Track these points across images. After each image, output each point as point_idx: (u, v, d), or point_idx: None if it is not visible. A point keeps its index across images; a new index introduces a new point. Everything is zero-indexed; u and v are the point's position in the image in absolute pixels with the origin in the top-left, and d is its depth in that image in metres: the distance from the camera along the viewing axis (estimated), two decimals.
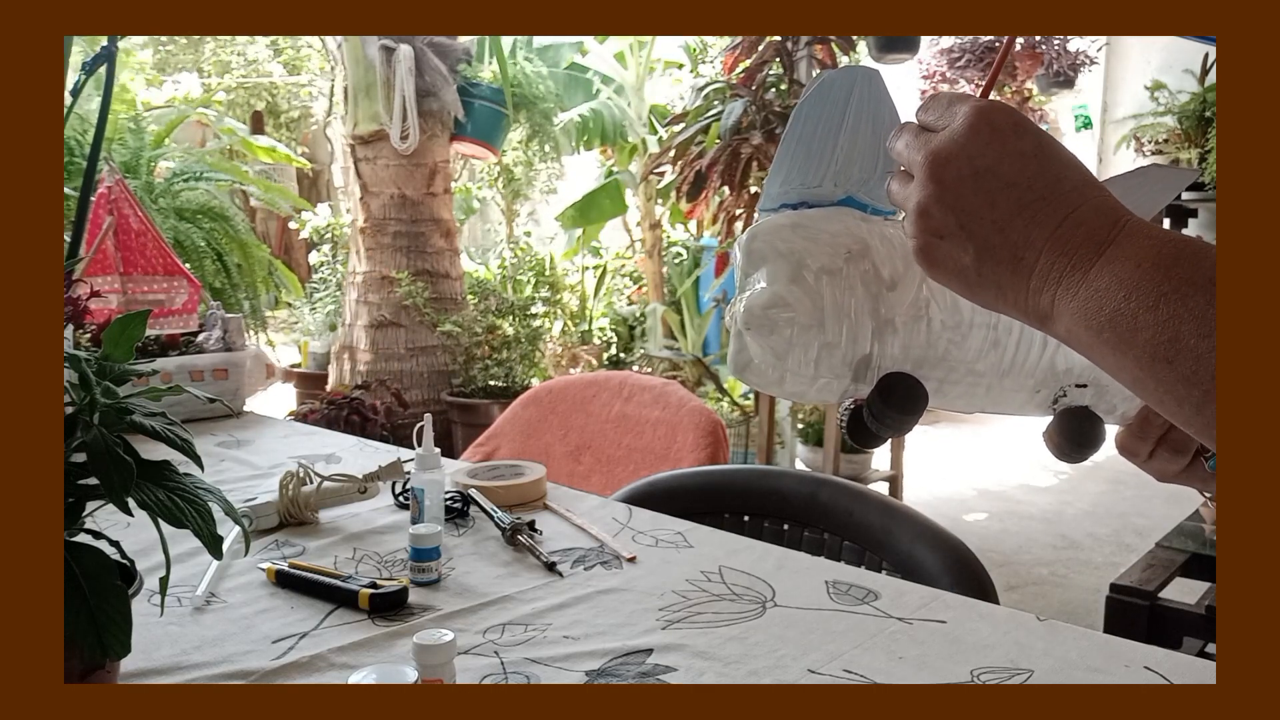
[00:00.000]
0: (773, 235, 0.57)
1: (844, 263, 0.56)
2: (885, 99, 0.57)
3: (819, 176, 0.57)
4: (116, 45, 1.63)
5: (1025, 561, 3.43)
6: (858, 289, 0.55)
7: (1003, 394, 0.58)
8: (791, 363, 0.56)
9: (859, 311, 0.55)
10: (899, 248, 0.56)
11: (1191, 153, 4.52)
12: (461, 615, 0.93)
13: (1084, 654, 0.84)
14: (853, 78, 0.57)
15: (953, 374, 0.57)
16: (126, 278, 1.73)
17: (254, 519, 1.15)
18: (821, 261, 0.56)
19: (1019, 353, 0.57)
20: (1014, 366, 0.57)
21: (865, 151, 0.57)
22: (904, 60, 4.61)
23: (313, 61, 7.45)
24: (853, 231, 0.57)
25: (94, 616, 0.62)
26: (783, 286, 0.55)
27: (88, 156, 1.66)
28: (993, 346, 0.56)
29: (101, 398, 0.66)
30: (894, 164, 0.52)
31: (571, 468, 2.25)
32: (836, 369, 0.56)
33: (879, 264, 0.56)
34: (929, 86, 5.23)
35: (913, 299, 0.56)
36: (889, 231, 0.57)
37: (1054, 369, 0.58)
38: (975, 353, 0.57)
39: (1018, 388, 0.58)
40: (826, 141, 0.57)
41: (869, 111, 0.57)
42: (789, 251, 0.56)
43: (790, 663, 0.83)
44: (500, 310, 4.82)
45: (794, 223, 0.57)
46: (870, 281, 0.56)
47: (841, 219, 0.57)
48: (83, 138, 3.25)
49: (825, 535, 1.28)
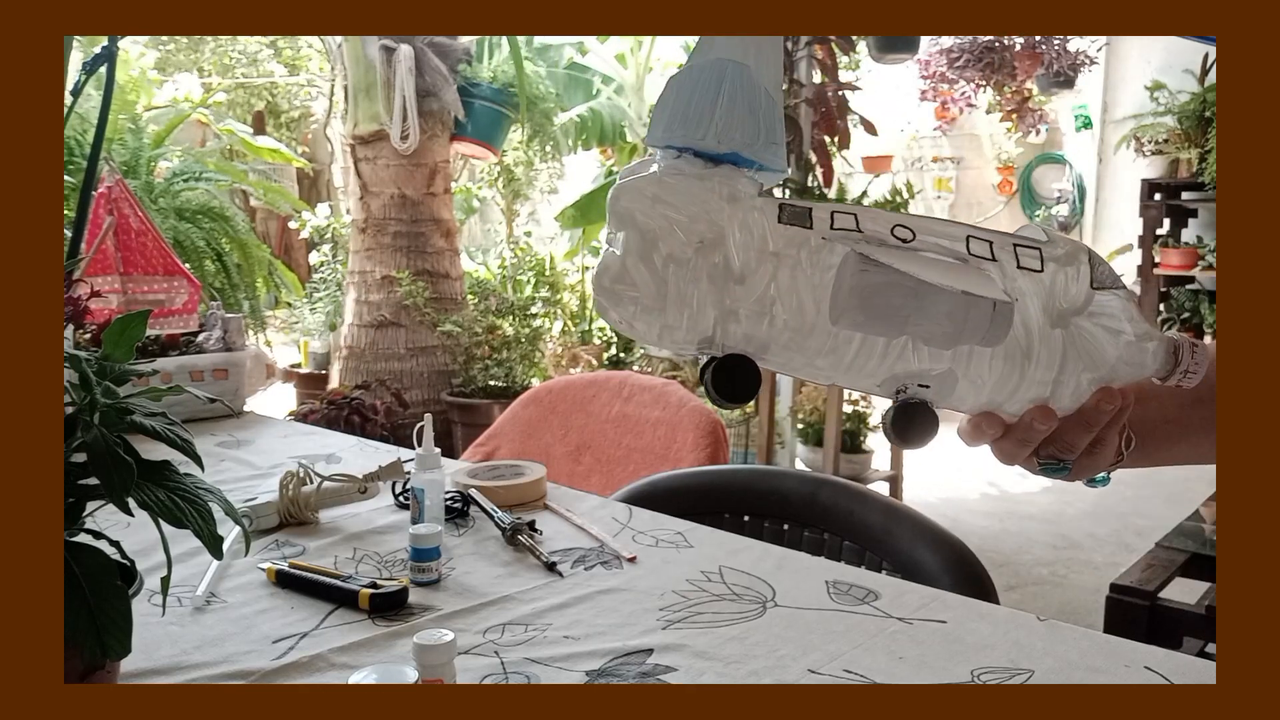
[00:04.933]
0: (635, 201, 0.57)
1: (694, 253, 0.56)
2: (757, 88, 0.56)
3: (701, 130, 0.56)
4: (117, 45, 1.63)
5: (1025, 561, 3.43)
6: (703, 282, 0.56)
7: (844, 380, 0.61)
8: (638, 329, 0.58)
9: (702, 302, 0.57)
10: (757, 240, 0.56)
11: (1191, 153, 4.52)
12: (461, 615, 0.93)
13: (1084, 654, 0.84)
14: (722, 68, 0.56)
15: (792, 363, 0.59)
16: (126, 278, 1.73)
17: (254, 519, 1.15)
18: (671, 248, 0.56)
19: (858, 359, 0.59)
20: (853, 368, 0.59)
21: (744, 123, 0.57)
22: (904, 60, 4.61)
23: (313, 62, 7.45)
24: (712, 217, 0.56)
25: (94, 617, 0.62)
26: (631, 263, 0.57)
27: (88, 156, 1.66)
28: (831, 350, 0.58)
29: (102, 398, 0.66)
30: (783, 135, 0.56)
31: (571, 468, 2.25)
32: (678, 345, 0.58)
33: (731, 256, 0.56)
34: (929, 86, 5.23)
35: (759, 295, 0.57)
36: (753, 219, 0.57)
37: (894, 374, 0.60)
38: (815, 352, 0.58)
39: (857, 382, 0.61)
40: (704, 107, 0.56)
41: (743, 95, 0.56)
42: (645, 228, 0.56)
43: (790, 663, 0.83)
44: (500, 310, 4.82)
45: (655, 194, 0.57)
46: (718, 275, 0.57)
47: (707, 197, 0.57)
48: (83, 138, 3.25)
49: (825, 535, 1.28)
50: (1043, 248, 0.61)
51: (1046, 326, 0.60)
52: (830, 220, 0.58)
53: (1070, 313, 0.60)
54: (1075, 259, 0.60)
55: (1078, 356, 0.61)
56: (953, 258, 0.59)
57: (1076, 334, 0.60)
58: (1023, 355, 0.60)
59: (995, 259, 0.60)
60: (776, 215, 0.57)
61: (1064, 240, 0.62)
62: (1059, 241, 0.61)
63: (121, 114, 3.63)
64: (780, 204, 0.58)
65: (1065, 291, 0.60)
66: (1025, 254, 0.60)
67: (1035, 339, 0.60)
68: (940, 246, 0.59)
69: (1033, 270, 0.60)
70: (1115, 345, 0.61)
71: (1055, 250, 0.61)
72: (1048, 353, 0.60)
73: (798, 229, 0.57)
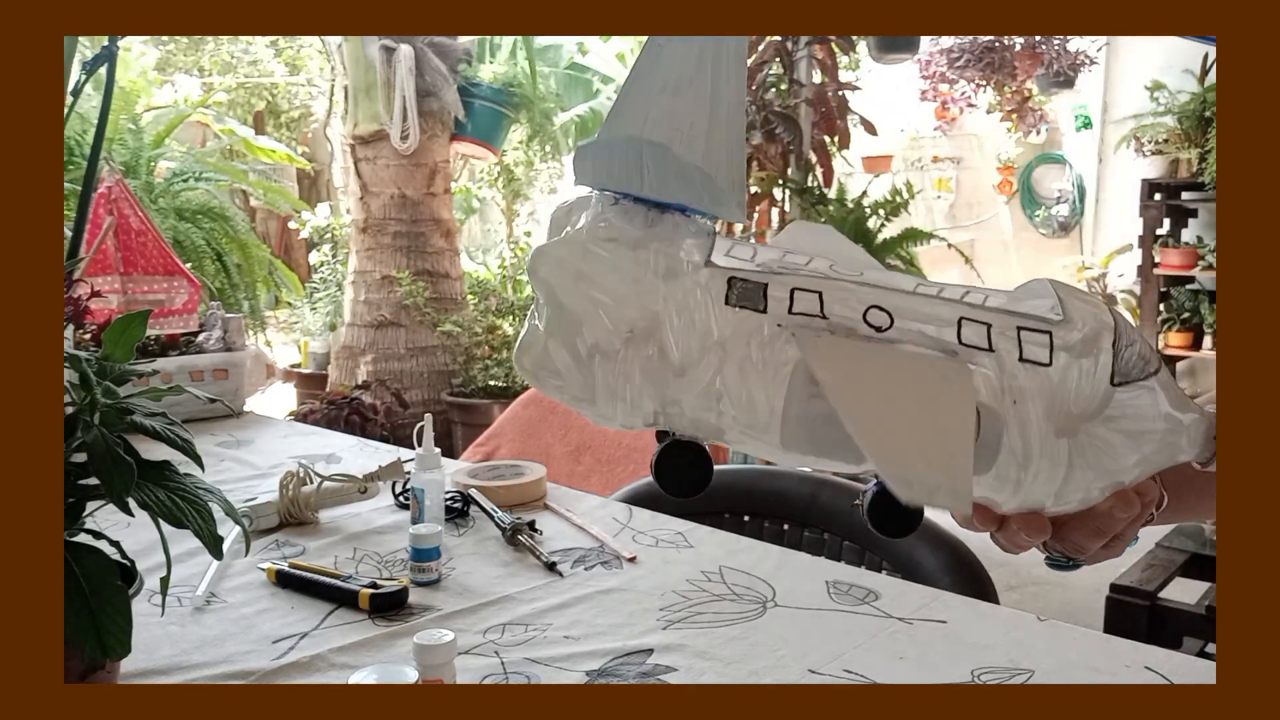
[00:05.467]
0: (556, 275, 0.48)
1: (622, 345, 0.48)
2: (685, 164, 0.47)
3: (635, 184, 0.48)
4: (117, 45, 1.63)
5: (1025, 561, 3.43)
6: (635, 376, 0.48)
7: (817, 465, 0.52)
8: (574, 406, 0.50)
9: (637, 396, 0.48)
10: (699, 327, 0.47)
11: (1191, 153, 4.52)
12: (461, 615, 0.93)
13: (1084, 654, 0.84)
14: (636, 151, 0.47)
15: (754, 449, 0.51)
16: (126, 278, 1.73)
17: (254, 519, 1.15)
18: (597, 337, 0.48)
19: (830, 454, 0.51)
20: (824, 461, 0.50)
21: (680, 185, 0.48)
22: (904, 60, 4.61)
23: (313, 62, 7.45)
24: (644, 301, 0.47)
25: (94, 617, 0.62)
26: (554, 348, 0.48)
27: (88, 156, 1.66)
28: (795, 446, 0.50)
29: (102, 398, 0.66)
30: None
31: (571, 468, 2.25)
32: (620, 426, 0.50)
33: (668, 346, 0.47)
34: (929, 86, 5.23)
35: (704, 388, 0.48)
36: (694, 301, 0.47)
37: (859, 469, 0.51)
38: (776, 446, 0.49)
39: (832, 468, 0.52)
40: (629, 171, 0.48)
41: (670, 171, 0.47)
42: (567, 308, 0.48)
43: (791, 663, 0.83)
44: (500, 310, 4.82)
45: (578, 270, 0.47)
46: (653, 368, 0.48)
47: (640, 274, 0.47)
48: (83, 138, 3.25)
49: (825, 535, 1.28)
50: (1054, 331, 0.49)
51: (1050, 435, 0.49)
52: (789, 301, 0.48)
53: (1081, 418, 0.49)
54: (1094, 347, 0.49)
55: (1087, 467, 0.50)
56: (938, 349, 0.48)
57: (1087, 443, 0.49)
58: (1018, 468, 0.49)
59: (992, 348, 0.48)
60: (724, 294, 0.47)
61: (1085, 316, 0.50)
62: (1077, 320, 0.49)
63: (122, 114, 3.63)
64: (730, 278, 0.48)
65: (1077, 392, 0.49)
66: (1031, 341, 0.48)
67: (1035, 451, 0.49)
68: (924, 336, 0.48)
69: (1038, 364, 0.48)
70: (1137, 449, 0.50)
71: (1070, 335, 0.49)
72: (1049, 465, 0.49)
73: (749, 313, 0.47)
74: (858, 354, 0.48)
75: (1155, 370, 0.50)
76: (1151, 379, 0.50)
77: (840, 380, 0.46)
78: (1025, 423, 0.48)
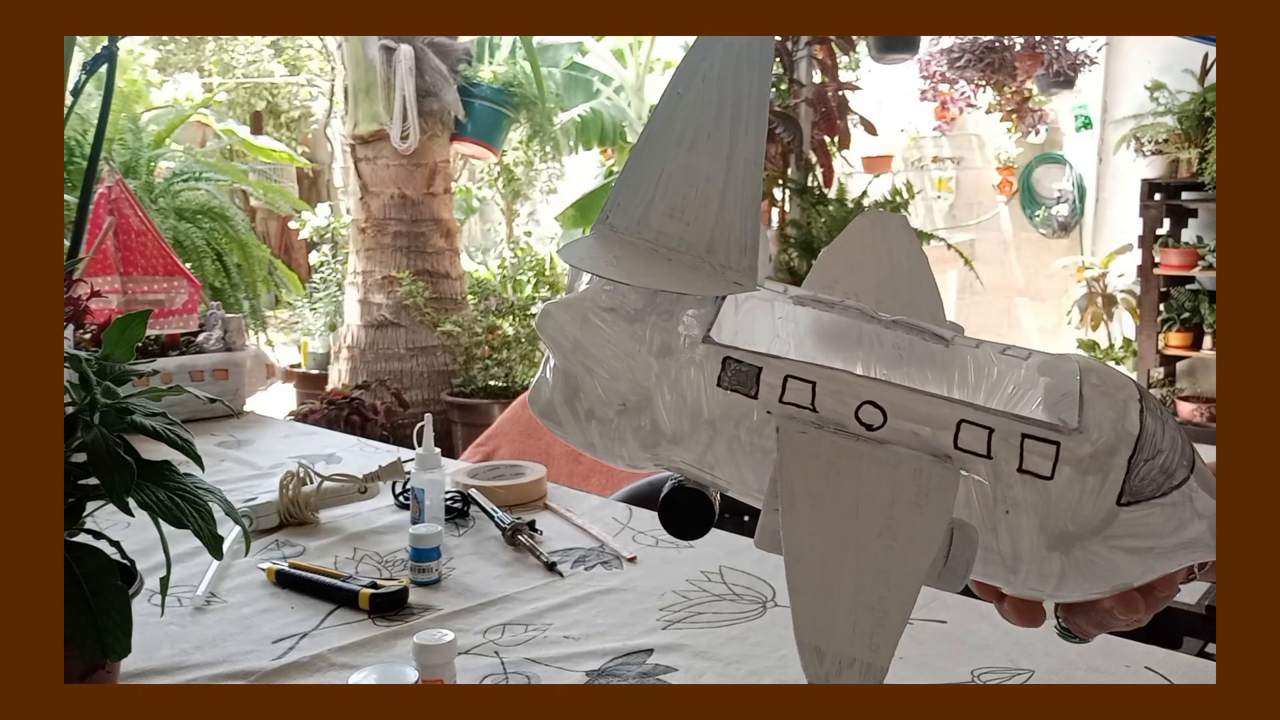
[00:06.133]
0: (557, 337, 0.49)
1: (614, 414, 0.49)
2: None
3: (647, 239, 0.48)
4: (117, 45, 1.63)
5: None
6: (628, 441, 0.49)
7: None
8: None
9: (633, 455, 0.50)
10: (690, 405, 0.48)
11: (1191, 153, 4.52)
12: (462, 615, 0.93)
13: (1084, 654, 0.84)
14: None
15: (754, 501, 0.50)
16: (126, 278, 1.73)
17: (254, 519, 1.15)
18: (590, 405, 0.49)
19: None
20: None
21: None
22: (904, 60, 4.61)
23: (313, 61, 7.45)
24: (636, 378, 0.48)
25: (94, 617, 0.62)
26: (558, 402, 0.50)
27: (88, 156, 1.66)
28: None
29: (102, 398, 0.66)
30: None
31: (571, 468, 2.25)
32: (631, 468, 0.51)
33: (660, 418, 0.48)
34: (929, 86, 5.23)
35: (697, 458, 0.49)
36: (686, 380, 0.47)
37: None
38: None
39: None
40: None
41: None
42: (566, 371, 0.49)
43: (791, 663, 0.83)
44: (500, 310, 4.82)
45: (576, 340, 0.48)
46: (646, 435, 0.49)
47: (634, 350, 0.48)
48: (83, 138, 3.25)
49: None
50: (1063, 442, 0.45)
51: (1042, 548, 0.46)
52: (781, 389, 0.46)
53: (1076, 537, 0.46)
54: (1104, 463, 0.45)
55: (1081, 579, 0.47)
56: (931, 453, 0.45)
57: (1082, 558, 0.46)
58: (1007, 571, 0.47)
59: (990, 455, 0.45)
60: (717, 375, 0.47)
61: (1104, 425, 0.46)
62: (1092, 430, 0.45)
63: (122, 114, 3.64)
64: (725, 358, 0.47)
65: (1074, 510, 0.45)
66: (1034, 451, 0.45)
67: (1024, 560, 0.46)
68: (917, 437, 0.46)
69: (1039, 476, 0.45)
70: (1142, 563, 0.47)
71: (1080, 448, 0.45)
72: (1039, 574, 0.47)
73: (739, 396, 0.47)
74: (832, 456, 0.46)
75: (1179, 483, 0.46)
76: (1174, 492, 0.46)
77: (798, 493, 0.45)
78: (1016, 533, 0.46)
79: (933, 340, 0.50)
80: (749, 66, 0.47)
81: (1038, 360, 0.49)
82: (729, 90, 0.46)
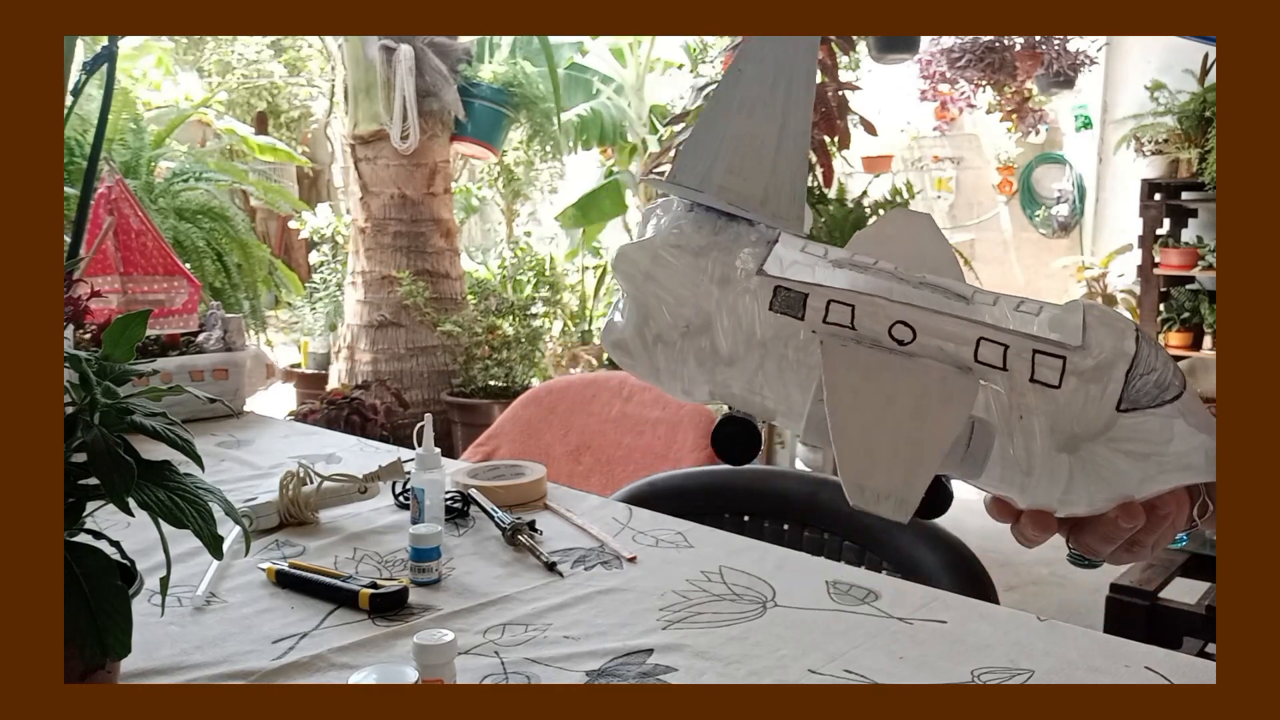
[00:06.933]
0: (630, 271, 0.56)
1: (679, 336, 0.56)
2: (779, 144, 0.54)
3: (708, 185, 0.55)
4: (117, 45, 1.63)
5: (1025, 561, 3.43)
6: (689, 363, 0.56)
7: None
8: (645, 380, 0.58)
9: (692, 379, 0.57)
10: (745, 328, 0.55)
11: (1191, 153, 4.52)
12: (462, 615, 0.93)
13: (1084, 654, 0.84)
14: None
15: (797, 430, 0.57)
16: (126, 278, 1.73)
17: (254, 519, 1.15)
18: (659, 329, 0.56)
19: None
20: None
21: (753, 180, 0.55)
22: (904, 60, 4.61)
23: (313, 61, 7.45)
24: (699, 302, 0.55)
25: (94, 617, 0.62)
26: (629, 334, 0.57)
27: (88, 156, 1.66)
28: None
29: (102, 398, 0.66)
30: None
31: (571, 468, 2.25)
32: (684, 399, 0.58)
33: (719, 340, 0.55)
34: (929, 86, 5.22)
35: (749, 379, 0.55)
36: (742, 305, 0.55)
37: None
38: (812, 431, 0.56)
39: None
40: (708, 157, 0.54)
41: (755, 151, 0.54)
42: (638, 301, 0.56)
43: (791, 663, 0.83)
44: (500, 310, 4.82)
45: (648, 271, 0.56)
46: (705, 357, 0.56)
47: (697, 279, 0.55)
48: (83, 138, 3.25)
49: (825, 535, 1.28)
50: (1069, 356, 0.52)
51: (1052, 450, 0.52)
52: (824, 311, 0.54)
53: (1083, 438, 0.52)
54: (1104, 374, 0.52)
55: (1088, 480, 0.53)
56: (955, 365, 0.52)
57: (1088, 459, 0.52)
58: (1022, 474, 0.53)
59: (1006, 368, 0.52)
60: (769, 300, 0.54)
61: (1104, 344, 0.52)
62: (1093, 347, 0.52)
63: (122, 114, 3.63)
64: (776, 286, 0.55)
65: (1080, 414, 0.52)
66: (1044, 364, 0.52)
67: (1037, 461, 0.52)
68: (942, 351, 0.53)
69: (1048, 385, 0.52)
70: (1142, 469, 0.52)
71: (1083, 361, 0.52)
72: (1050, 475, 0.53)
73: (788, 319, 0.54)
74: (869, 363, 0.53)
75: (1173, 397, 0.52)
76: (1168, 405, 0.52)
77: (840, 385, 0.52)
78: (1029, 436, 0.52)
79: (954, 299, 0.56)
80: (799, 51, 0.54)
81: (1048, 315, 0.56)
82: (783, 69, 0.54)
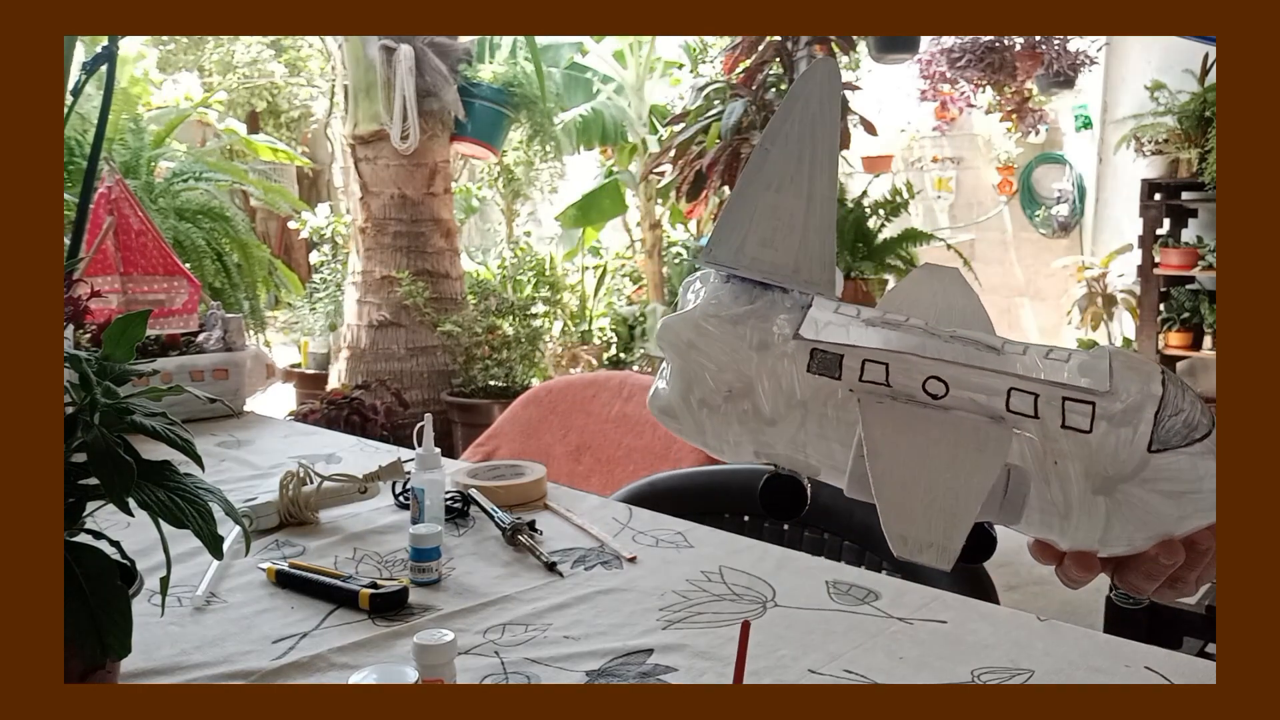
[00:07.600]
0: (674, 342, 0.59)
1: (722, 400, 0.58)
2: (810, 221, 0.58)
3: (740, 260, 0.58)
4: (117, 45, 1.63)
5: (1025, 561, 3.41)
6: (734, 425, 0.58)
7: None
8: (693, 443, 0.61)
9: (738, 442, 0.59)
10: (785, 390, 0.57)
11: (1191, 153, 4.52)
12: (462, 615, 0.93)
13: (1084, 654, 0.84)
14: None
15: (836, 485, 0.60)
16: (126, 278, 1.73)
17: (254, 519, 1.15)
18: (702, 394, 0.59)
19: None
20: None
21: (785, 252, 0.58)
22: (904, 60, 4.61)
23: (313, 61, 7.45)
24: (740, 367, 0.58)
25: (94, 617, 0.62)
26: (675, 400, 0.59)
27: (88, 156, 1.66)
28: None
29: (102, 398, 0.66)
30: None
31: (571, 468, 2.25)
32: (731, 461, 0.61)
33: (760, 402, 0.58)
34: (929, 86, 5.22)
35: (791, 437, 0.58)
36: (781, 369, 0.57)
37: None
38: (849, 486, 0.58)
39: None
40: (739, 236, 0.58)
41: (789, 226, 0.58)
42: (681, 370, 0.59)
43: (790, 663, 0.83)
44: (500, 310, 4.82)
45: (690, 341, 0.59)
46: (749, 419, 0.58)
47: (737, 345, 0.58)
48: (83, 138, 3.25)
49: (825, 535, 1.28)
50: (1098, 402, 0.54)
51: (1088, 493, 0.54)
52: (860, 370, 0.57)
53: (1116, 480, 0.54)
54: (1134, 417, 0.53)
55: (1125, 521, 0.54)
56: (987, 415, 0.55)
57: (1123, 501, 0.54)
58: (1060, 518, 0.55)
59: (1038, 416, 0.54)
60: (807, 363, 0.57)
61: (1131, 388, 0.54)
62: (1121, 392, 0.54)
63: (122, 114, 3.63)
64: (813, 349, 0.57)
65: (1113, 457, 0.53)
66: (1074, 410, 0.54)
67: (1074, 505, 0.54)
68: (975, 403, 0.55)
69: (1079, 430, 0.53)
70: (1178, 508, 0.54)
71: (1112, 405, 0.54)
72: (1088, 518, 0.54)
73: (826, 379, 0.57)
74: (906, 417, 0.56)
75: (1202, 436, 0.54)
76: (1197, 444, 0.54)
77: (878, 440, 0.55)
78: (1065, 480, 0.54)
79: (985, 350, 0.58)
80: (820, 124, 0.57)
81: (1077, 361, 0.57)
82: (806, 144, 0.57)
